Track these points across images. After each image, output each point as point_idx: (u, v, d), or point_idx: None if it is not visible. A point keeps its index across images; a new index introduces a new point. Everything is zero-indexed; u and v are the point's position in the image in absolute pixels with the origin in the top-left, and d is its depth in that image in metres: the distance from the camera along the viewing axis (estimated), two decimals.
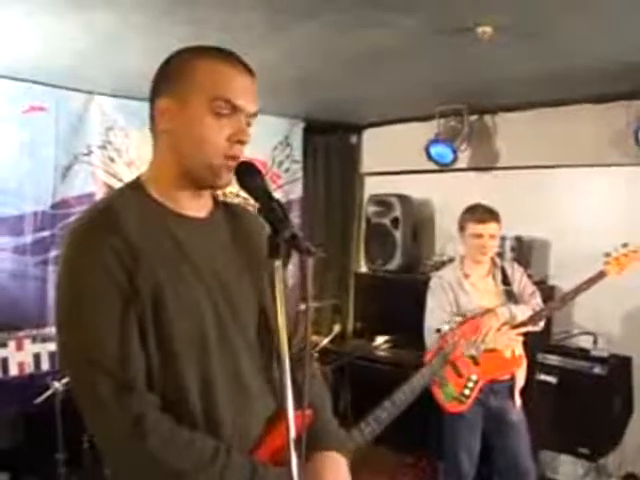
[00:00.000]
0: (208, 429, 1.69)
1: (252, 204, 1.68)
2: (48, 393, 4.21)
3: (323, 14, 3.48)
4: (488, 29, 3.52)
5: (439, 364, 3.62)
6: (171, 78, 1.73)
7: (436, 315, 4.17)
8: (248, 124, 1.74)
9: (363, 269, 6.92)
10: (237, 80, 1.71)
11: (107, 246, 1.59)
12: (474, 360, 4.08)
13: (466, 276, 4.25)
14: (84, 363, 1.60)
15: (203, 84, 1.68)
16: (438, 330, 4.05)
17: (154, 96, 1.75)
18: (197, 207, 1.80)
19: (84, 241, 1.64)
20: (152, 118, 1.77)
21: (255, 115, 1.76)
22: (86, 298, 1.60)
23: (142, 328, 1.62)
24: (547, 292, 5.18)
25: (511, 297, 4.21)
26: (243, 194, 1.71)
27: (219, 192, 1.89)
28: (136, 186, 1.77)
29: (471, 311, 4.14)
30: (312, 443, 1.87)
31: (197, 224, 1.79)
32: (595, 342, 5.03)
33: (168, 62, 1.77)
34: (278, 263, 1.53)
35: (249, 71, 1.75)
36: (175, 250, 1.70)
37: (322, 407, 2.01)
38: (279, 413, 1.74)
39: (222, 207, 1.92)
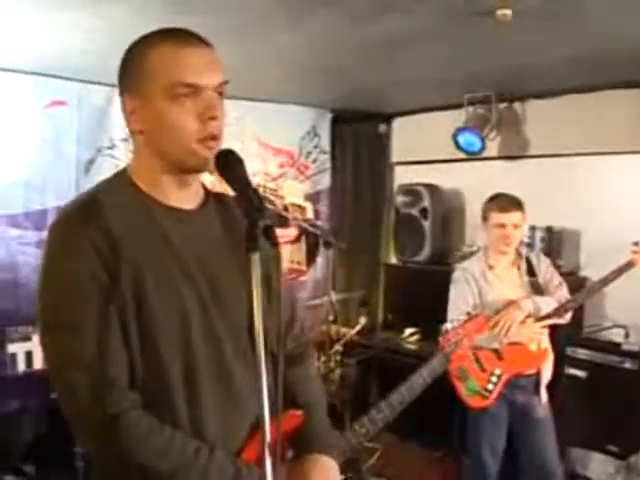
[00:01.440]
0: (192, 428, 1.66)
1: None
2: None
3: (343, 2, 3.43)
4: (508, 12, 3.43)
5: (440, 363, 3.53)
6: (128, 74, 1.69)
7: (458, 308, 4.08)
8: (220, 94, 1.68)
9: (393, 260, 6.84)
10: (187, 58, 1.64)
11: (86, 240, 1.56)
12: (497, 354, 3.99)
13: (490, 267, 4.16)
14: (62, 360, 1.58)
15: (155, 74, 1.63)
16: (446, 331, 3.97)
17: (120, 93, 1.72)
18: (185, 198, 1.76)
19: (64, 235, 1.61)
20: (125, 117, 1.72)
21: (222, 84, 1.68)
22: (64, 293, 1.57)
23: (124, 323, 1.58)
24: (578, 283, 5.07)
25: (536, 289, 4.11)
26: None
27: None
28: (123, 177, 1.74)
29: (494, 303, 4.04)
30: (301, 444, 1.87)
31: (185, 216, 1.75)
32: (627, 336, 4.90)
33: (125, 55, 1.72)
34: (255, 256, 1.46)
35: (202, 43, 1.68)
36: (159, 241, 1.67)
37: (315, 407, 1.97)
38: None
39: (213, 199, 1.87)
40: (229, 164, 1.63)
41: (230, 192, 1.67)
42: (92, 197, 1.67)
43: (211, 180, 2.45)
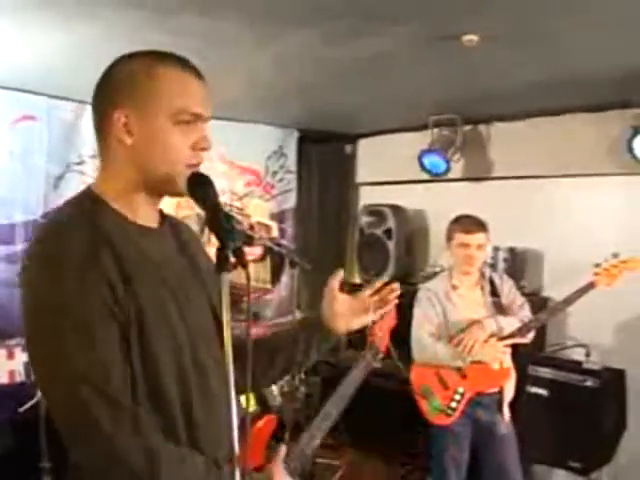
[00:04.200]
0: (190, 446, 1.68)
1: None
2: (32, 402, 4.22)
3: (315, 24, 3.50)
4: (474, 37, 3.52)
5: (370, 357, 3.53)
6: (126, 88, 1.67)
7: (423, 328, 4.14)
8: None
9: (357, 280, 6.87)
10: (195, 87, 1.69)
11: (92, 257, 1.56)
12: (461, 372, 4.04)
13: (454, 287, 4.22)
14: (63, 373, 1.53)
15: (162, 95, 1.65)
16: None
17: (103, 106, 1.70)
18: (152, 217, 1.79)
19: (64, 245, 1.57)
20: (99, 128, 1.72)
21: (208, 120, 1.74)
22: (70, 306, 1.52)
23: (127, 341, 1.58)
24: (541, 303, 5.16)
25: (499, 309, 4.17)
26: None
27: None
28: (93, 198, 1.71)
29: (458, 323, 4.10)
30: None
31: (153, 234, 1.78)
32: (588, 354, 4.97)
33: (120, 70, 1.71)
34: (226, 276, 1.50)
35: (201, 75, 1.73)
36: (143, 260, 1.68)
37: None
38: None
39: (167, 218, 1.89)
40: (200, 186, 1.66)
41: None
42: (60, 227, 1.64)
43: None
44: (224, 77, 4.46)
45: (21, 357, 4.90)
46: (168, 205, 1.91)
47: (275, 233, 5.26)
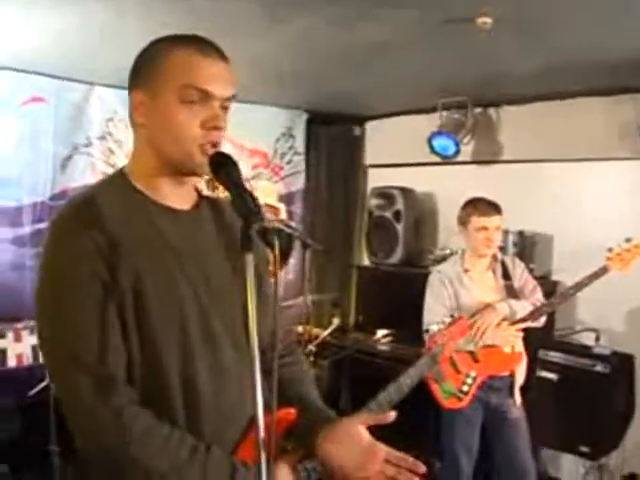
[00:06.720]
0: (189, 426, 1.67)
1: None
2: (42, 385, 4.22)
3: (324, 6, 3.45)
4: (488, 20, 3.49)
5: (427, 365, 3.59)
6: (143, 70, 1.71)
7: (435, 310, 4.12)
8: (225, 108, 1.72)
9: (365, 262, 6.87)
10: (206, 66, 1.67)
11: (87, 238, 1.58)
12: (473, 356, 4.04)
13: (466, 271, 4.21)
14: (64, 358, 1.59)
15: (171, 73, 1.65)
16: (427, 330, 4.03)
17: (130, 89, 1.74)
18: (180, 198, 1.79)
19: (64, 233, 1.63)
20: (130, 111, 1.74)
21: (231, 99, 1.73)
22: (65, 291, 1.58)
23: (123, 320, 1.60)
24: (550, 287, 5.16)
25: (511, 292, 4.16)
26: None
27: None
28: (120, 177, 1.76)
29: (470, 306, 4.09)
30: (313, 420, 1.87)
31: (180, 215, 1.78)
32: (597, 339, 4.97)
33: (142, 54, 1.74)
34: (249, 256, 1.48)
35: (221, 55, 1.72)
36: (157, 241, 1.69)
37: (310, 395, 2.00)
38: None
39: (206, 201, 1.90)
40: (223, 166, 1.65)
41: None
42: (90, 197, 1.68)
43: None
44: (233, 58, 4.43)
45: (29, 340, 4.89)
46: None
47: (283, 215, 5.23)
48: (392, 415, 1.89)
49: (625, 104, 4.95)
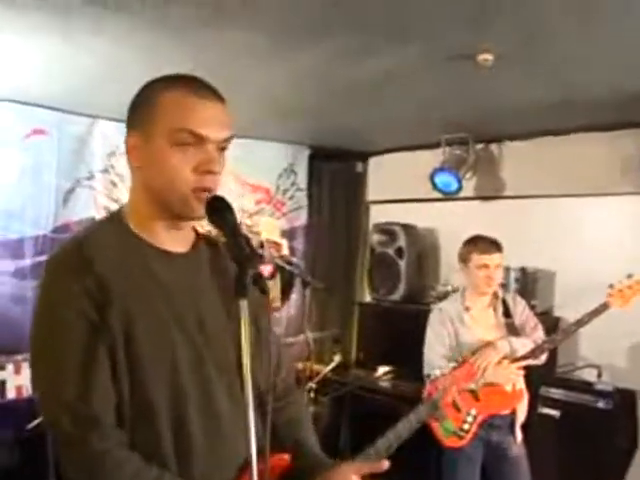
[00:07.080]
0: (179, 469, 1.65)
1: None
2: (40, 419, 4.18)
3: (327, 41, 3.48)
4: (489, 57, 3.51)
5: (428, 410, 3.57)
6: (137, 112, 1.71)
7: (435, 350, 4.12)
8: (222, 149, 1.70)
9: (367, 299, 6.84)
10: (200, 109, 1.65)
11: (73, 280, 1.58)
12: (474, 394, 4.00)
13: (467, 309, 4.19)
14: (49, 398, 1.60)
15: (164, 116, 1.64)
16: (428, 375, 4.02)
17: (127, 130, 1.73)
18: (176, 241, 1.78)
19: (53, 275, 1.64)
20: (126, 149, 1.74)
21: (228, 140, 1.70)
22: (53, 333, 1.59)
23: (114, 362, 1.59)
24: (552, 323, 5.13)
25: (512, 330, 4.13)
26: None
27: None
28: (117, 219, 1.75)
29: (471, 345, 4.07)
30: (308, 466, 1.85)
31: (176, 259, 1.77)
32: (599, 375, 4.94)
33: (137, 95, 1.74)
34: (244, 302, 1.48)
35: (217, 97, 1.70)
36: (150, 284, 1.68)
37: (307, 441, 1.97)
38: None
39: (204, 242, 1.89)
40: (219, 211, 1.64)
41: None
42: (85, 239, 1.68)
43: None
44: (235, 95, 4.45)
45: (28, 373, 4.87)
46: None
47: (285, 251, 5.22)
48: (386, 464, 1.86)
49: (627, 139, 4.97)
